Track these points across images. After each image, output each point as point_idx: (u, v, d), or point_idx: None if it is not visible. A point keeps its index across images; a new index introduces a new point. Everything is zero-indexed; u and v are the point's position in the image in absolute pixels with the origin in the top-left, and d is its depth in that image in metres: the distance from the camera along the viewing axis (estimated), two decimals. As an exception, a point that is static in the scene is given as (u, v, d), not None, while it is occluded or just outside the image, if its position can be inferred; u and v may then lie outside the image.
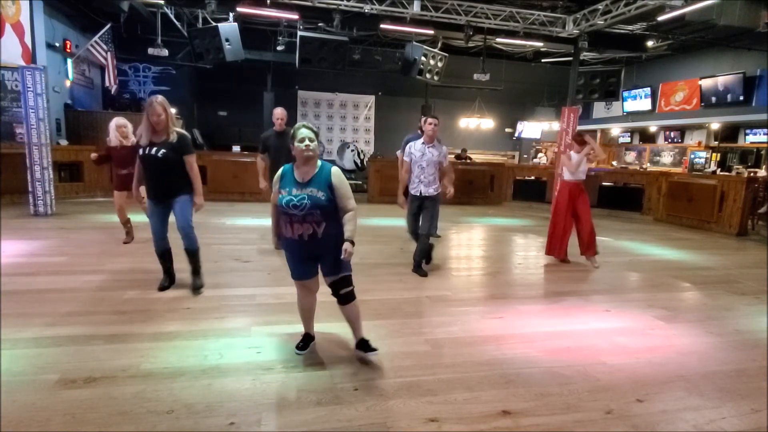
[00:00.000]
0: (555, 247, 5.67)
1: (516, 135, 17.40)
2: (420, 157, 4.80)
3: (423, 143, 4.84)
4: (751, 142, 12.33)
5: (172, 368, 2.63)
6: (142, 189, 3.99)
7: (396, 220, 8.10)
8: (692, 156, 13.37)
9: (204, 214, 4.50)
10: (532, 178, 11.99)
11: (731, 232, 8.20)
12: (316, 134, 2.64)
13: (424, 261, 5.02)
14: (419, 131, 5.52)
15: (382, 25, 9.62)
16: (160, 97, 3.61)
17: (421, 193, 4.80)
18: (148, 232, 5.72)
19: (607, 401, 2.49)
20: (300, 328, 3.02)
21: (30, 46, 7.04)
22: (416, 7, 8.51)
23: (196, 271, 4.01)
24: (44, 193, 7.23)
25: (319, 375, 2.63)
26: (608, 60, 13.09)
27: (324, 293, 3.15)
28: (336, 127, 16.06)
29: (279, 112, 5.52)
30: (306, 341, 2.94)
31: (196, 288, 3.97)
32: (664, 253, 6.56)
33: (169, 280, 4.02)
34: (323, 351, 2.95)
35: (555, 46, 11.28)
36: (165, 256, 3.95)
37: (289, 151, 2.59)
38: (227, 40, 8.54)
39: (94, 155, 5.69)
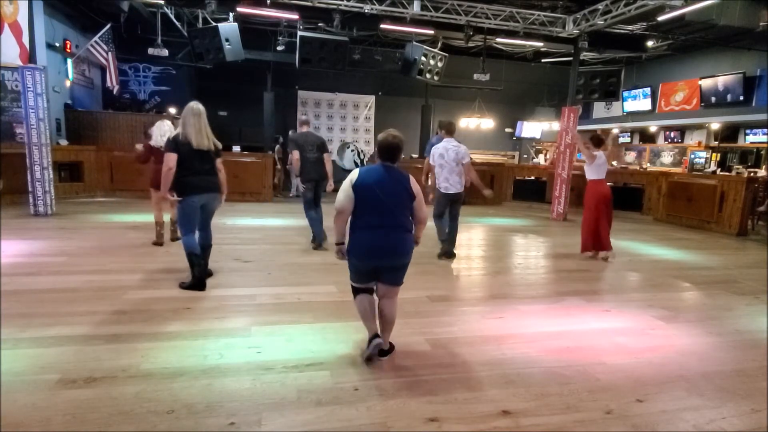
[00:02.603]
0: (588, 243, 5.92)
1: (516, 135, 17.40)
2: None
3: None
4: (751, 142, 12.32)
5: (172, 368, 2.63)
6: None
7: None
8: (692, 156, 13.36)
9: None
10: (532, 178, 11.99)
11: (731, 232, 8.20)
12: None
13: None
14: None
15: (382, 25, 9.62)
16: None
17: None
18: (145, 232, 5.74)
19: (607, 401, 2.49)
20: (299, 328, 3.02)
21: (27, 47, 7.03)
22: (416, 7, 8.50)
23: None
24: (44, 193, 7.23)
25: (319, 375, 2.63)
26: (608, 60, 13.08)
27: (320, 293, 3.18)
28: (336, 127, 16.06)
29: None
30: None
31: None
32: (664, 253, 6.56)
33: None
34: (323, 351, 2.95)
35: (555, 46, 11.29)
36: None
37: None
38: (227, 40, 8.54)
39: (139, 146, 5.66)
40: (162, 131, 5.36)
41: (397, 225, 2.63)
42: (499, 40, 10.95)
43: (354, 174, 2.67)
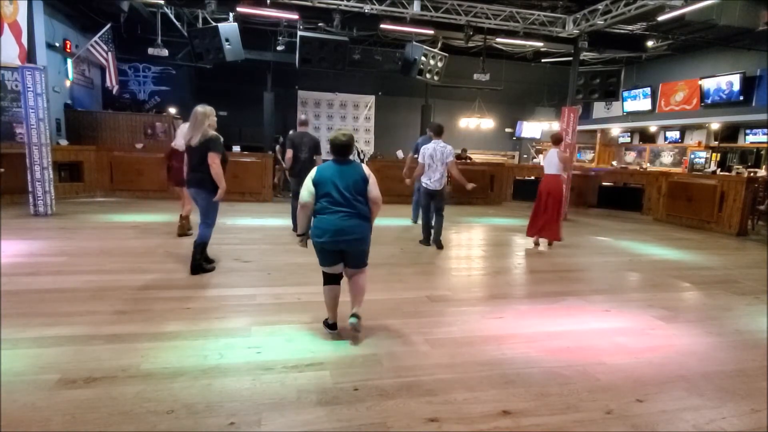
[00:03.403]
0: (530, 227, 6.72)
1: (516, 135, 17.40)
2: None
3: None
4: (751, 142, 12.31)
5: (172, 368, 2.63)
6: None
7: (396, 220, 8.11)
8: (692, 156, 13.36)
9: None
10: (532, 178, 11.98)
11: (731, 232, 8.20)
12: None
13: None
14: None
15: (382, 25, 9.62)
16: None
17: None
18: (145, 232, 5.76)
19: (607, 401, 2.49)
20: (299, 328, 3.02)
21: (26, 47, 7.03)
22: (416, 7, 8.50)
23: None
24: (44, 193, 7.22)
25: (319, 375, 2.63)
26: (608, 60, 13.08)
27: (320, 293, 3.19)
28: (336, 127, 16.05)
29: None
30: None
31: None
32: (664, 253, 6.56)
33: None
34: (323, 351, 2.95)
35: (555, 46, 11.28)
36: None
37: None
38: (227, 40, 8.53)
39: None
40: (181, 131, 5.83)
41: (353, 212, 2.99)
42: (499, 40, 10.95)
43: (313, 172, 3.06)
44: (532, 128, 17.09)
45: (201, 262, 4.49)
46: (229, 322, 3.36)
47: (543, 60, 14.60)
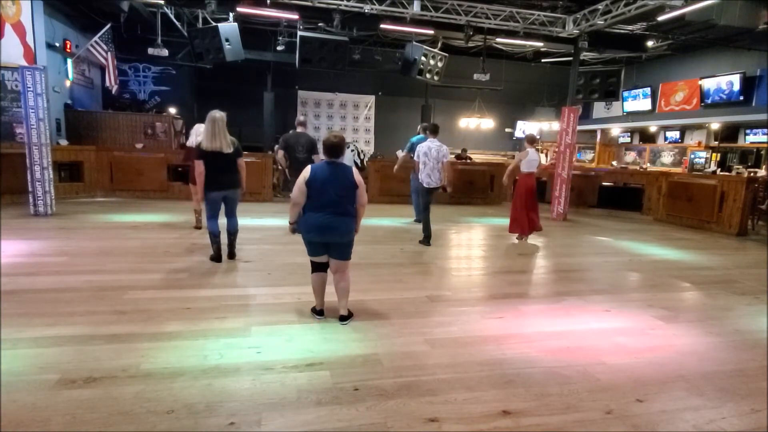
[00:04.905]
0: (522, 225, 6.85)
1: (515, 137, 17.39)
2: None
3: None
4: (751, 142, 12.32)
5: (172, 368, 2.63)
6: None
7: (397, 220, 8.11)
8: (692, 156, 13.36)
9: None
10: (532, 178, 11.97)
11: (731, 232, 8.20)
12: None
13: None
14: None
15: (382, 25, 9.62)
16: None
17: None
18: (145, 232, 5.78)
19: (607, 401, 2.49)
20: (299, 328, 3.02)
21: (32, 46, 7.03)
22: (416, 7, 8.50)
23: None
24: (44, 193, 7.22)
25: (319, 375, 2.63)
26: (608, 60, 13.08)
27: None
28: (336, 127, 16.06)
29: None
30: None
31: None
32: (664, 253, 6.56)
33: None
34: (323, 351, 2.95)
35: (555, 46, 11.28)
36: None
37: None
38: (227, 40, 8.53)
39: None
40: (197, 133, 6.11)
41: (341, 211, 3.24)
42: (499, 40, 10.95)
43: (306, 171, 3.23)
44: (531, 128, 17.07)
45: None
46: (229, 322, 3.36)
47: (543, 60, 14.60)
